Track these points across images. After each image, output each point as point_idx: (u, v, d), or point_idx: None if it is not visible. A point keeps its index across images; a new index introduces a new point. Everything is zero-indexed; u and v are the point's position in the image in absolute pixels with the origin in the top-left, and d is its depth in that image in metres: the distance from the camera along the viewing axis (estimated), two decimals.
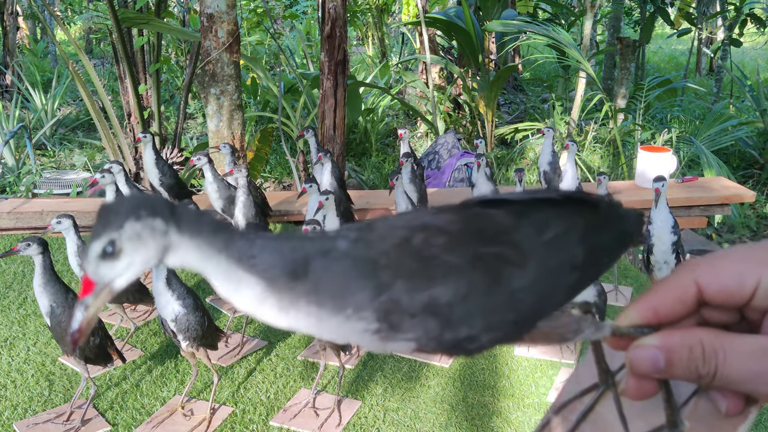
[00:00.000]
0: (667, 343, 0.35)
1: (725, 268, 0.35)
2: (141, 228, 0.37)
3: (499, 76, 5.83)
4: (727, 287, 0.35)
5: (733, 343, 0.34)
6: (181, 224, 0.37)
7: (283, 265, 0.37)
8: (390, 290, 0.37)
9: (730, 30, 7.56)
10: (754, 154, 6.12)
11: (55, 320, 1.72)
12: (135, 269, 0.38)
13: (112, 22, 3.95)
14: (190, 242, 0.37)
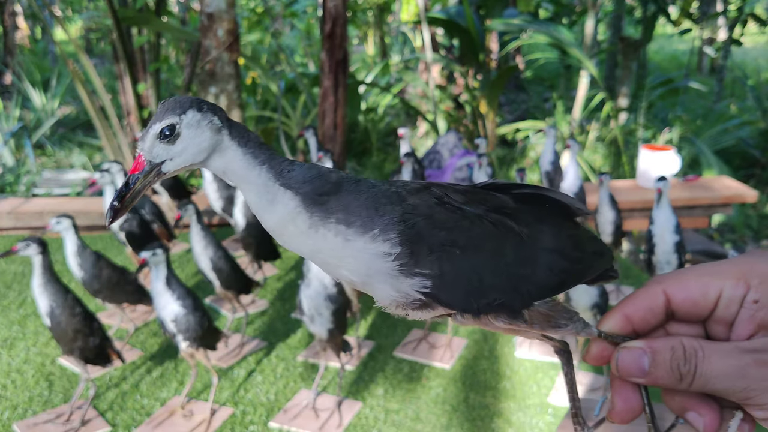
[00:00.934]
0: (652, 344, 0.37)
1: (691, 281, 0.37)
2: (201, 119, 0.39)
3: (500, 76, 5.82)
4: (693, 297, 0.37)
5: (711, 345, 0.36)
6: (232, 130, 0.40)
7: (319, 184, 0.39)
8: (414, 220, 0.38)
9: (732, 30, 7.54)
10: (756, 153, 6.10)
11: (54, 320, 1.71)
12: (186, 157, 0.39)
13: (112, 21, 3.94)
14: (238, 149, 0.39)
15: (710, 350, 0.36)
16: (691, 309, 0.37)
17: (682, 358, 0.36)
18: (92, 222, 3.21)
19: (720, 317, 0.37)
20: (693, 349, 0.36)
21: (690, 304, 0.37)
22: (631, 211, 3.28)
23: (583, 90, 5.75)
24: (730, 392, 0.35)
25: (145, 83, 4.31)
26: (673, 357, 0.37)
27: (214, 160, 0.40)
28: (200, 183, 4.83)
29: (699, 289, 0.37)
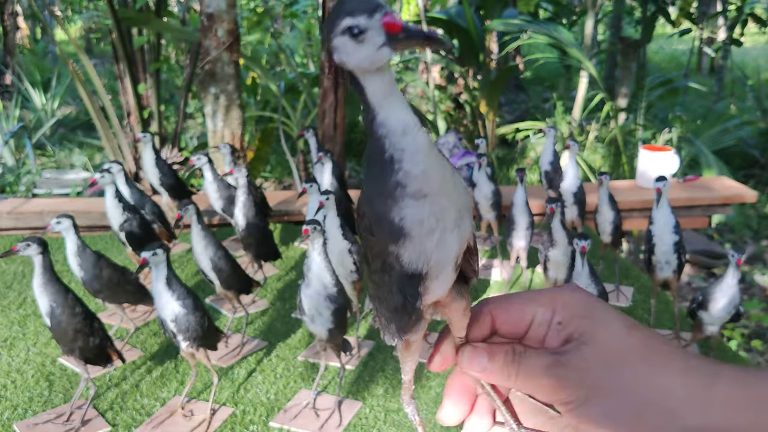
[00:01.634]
0: (491, 346, 0.46)
1: (513, 305, 0.46)
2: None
3: (500, 76, 5.82)
4: (512, 320, 0.46)
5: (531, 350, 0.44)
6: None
7: None
8: None
9: (731, 30, 7.55)
10: (756, 154, 6.11)
11: (54, 320, 1.71)
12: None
13: (112, 21, 3.94)
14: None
15: (530, 352, 0.44)
16: (510, 329, 0.46)
17: (511, 358, 0.44)
18: (93, 222, 3.21)
19: (533, 336, 0.45)
20: (519, 351, 0.44)
21: (509, 325, 0.46)
22: (631, 211, 3.29)
23: (583, 90, 5.76)
24: (540, 389, 0.43)
25: (146, 83, 4.31)
26: (505, 357, 0.44)
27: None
28: (201, 183, 4.83)
29: (517, 313, 0.45)
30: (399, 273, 0.41)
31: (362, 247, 0.45)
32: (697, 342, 2.06)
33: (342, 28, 0.37)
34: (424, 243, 0.40)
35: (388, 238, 0.40)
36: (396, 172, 0.38)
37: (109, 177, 2.25)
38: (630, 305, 2.50)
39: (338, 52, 0.38)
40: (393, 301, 0.43)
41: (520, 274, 2.69)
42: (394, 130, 0.38)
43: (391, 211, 0.39)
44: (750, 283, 4.36)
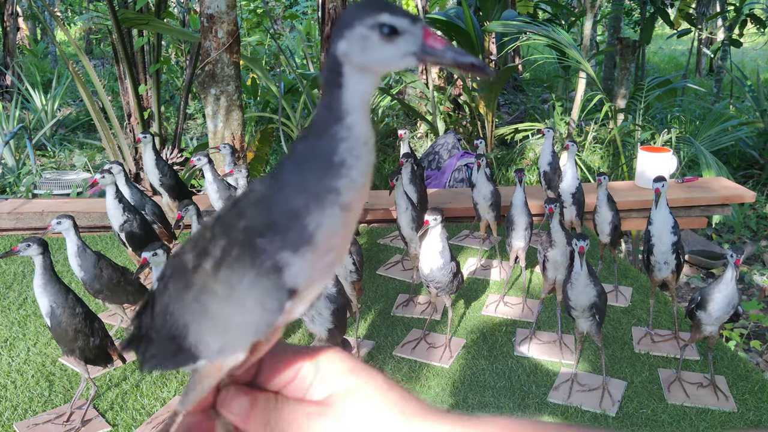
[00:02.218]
0: (253, 391, 0.44)
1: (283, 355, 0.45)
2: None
3: (499, 77, 5.83)
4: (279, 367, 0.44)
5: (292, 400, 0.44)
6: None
7: None
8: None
9: (730, 30, 7.56)
10: (754, 154, 6.12)
11: (55, 321, 1.72)
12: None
13: (112, 22, 3.95)
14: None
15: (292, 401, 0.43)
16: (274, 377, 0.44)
17: (273, 404, 0.43)
18: (93, 222, 3.22)
19: (295, 389, 0.44)
20: (281, 401, 0.43)
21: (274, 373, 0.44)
22: (629, 211, 3.30)
23: (582, 91, 5.76)
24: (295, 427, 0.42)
25: (146, 84, 4.32)
26: (267, 403, 0.43)
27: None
28: (201, 183, 4.84)
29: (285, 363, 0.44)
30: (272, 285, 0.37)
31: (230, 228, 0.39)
32: (696, 342, 2.07)
33: (374, 21, 0.35)
34: (320, 259, 0.38)
35: (286, 243, 0.37)
36: (340, 177, 0.36)
37: (109, 177, 2.26)
38: (629, 305, 2.51)
39: (349, 42, 0.36)
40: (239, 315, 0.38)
41: (518, 274, 2.70)
42: (358, 137, 0.36)
43: (311, 214, 0.37)
44: (749, 283, 4.37)
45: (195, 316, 0.40)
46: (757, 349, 3.49)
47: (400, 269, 2.80)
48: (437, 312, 2.43)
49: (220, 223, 0.40)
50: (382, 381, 0.43)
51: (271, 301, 0.37)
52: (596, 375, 2.06)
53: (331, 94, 0.37)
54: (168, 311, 0.42)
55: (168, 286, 0.42)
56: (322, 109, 0.37)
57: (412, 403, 0.43)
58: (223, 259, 0.38)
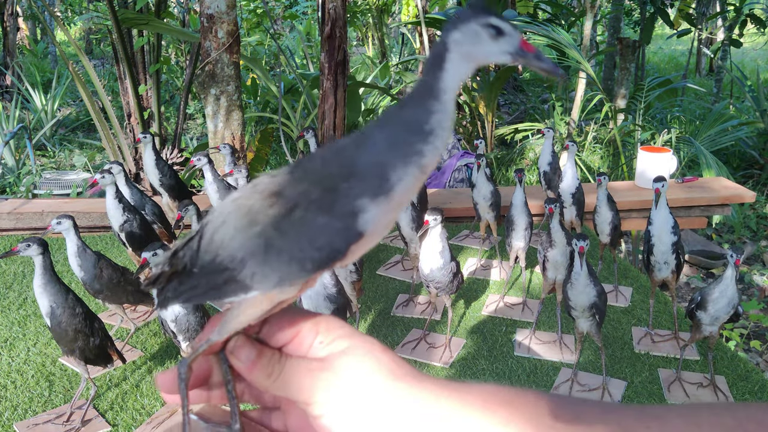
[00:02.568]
0: (260, 344, 0.49)
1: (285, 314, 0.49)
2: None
3: (499, 77, 5.84)
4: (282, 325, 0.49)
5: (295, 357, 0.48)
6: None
7: None
8: None
9: (730, 30, 7.56)
10: (754, 154, 6.12)
11: (55, 321, 1.72)
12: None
13: (112, 22, 3.95)
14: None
15: (295, 357, 0.48)
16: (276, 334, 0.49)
17: (278, 358, 0.48)
18: (93, 222, 3.22)
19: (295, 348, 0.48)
20: (285, 356, 0.48)
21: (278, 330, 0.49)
22: (629, 211, 3.30)
23: (581, 91, 5.77)
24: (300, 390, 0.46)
25: (146, 84, 4.32)
26: (272, 356, 0.48)
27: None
28: (201, 184, 4.84)
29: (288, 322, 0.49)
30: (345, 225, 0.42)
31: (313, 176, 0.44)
32: (696, 342, 2.07)
33: (487, 21, 0.43)
34: (390, 212, 0.43)
35: (366, 189, 0.42)
36: (427, 143, 0.42)
37: (109, 177, 2.26)
38: (628, 305, 2.51)
39: (463, 33, 0.43)
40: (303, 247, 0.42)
41: (519, 274, 2.70)
42: (447, 111, 0.43)
43: (396, 169, 0.42)
44: (748, 283, 4.37)
45: (257, 251, 0.44)
46: (757, 349, 3.49)
47: (400, 269, 2.80)
48: (437, 312, 2.43)
49: (298, 170, 0.45)
50: (376, 345, 0.47)
51: (340, 240, 0.42)
52: (596, 375, 2.06)
53: (432, 74, 0.43)
54: (222, 246, 0.46)
55: (224, 225, 0.46)
56: (420, 85, 0.43)
57: (403, 367, 0.46)
58: (302, 199, 0.43)
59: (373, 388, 0.44)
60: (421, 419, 0.43)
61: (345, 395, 0.44)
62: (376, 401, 0.44)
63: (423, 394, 0.44)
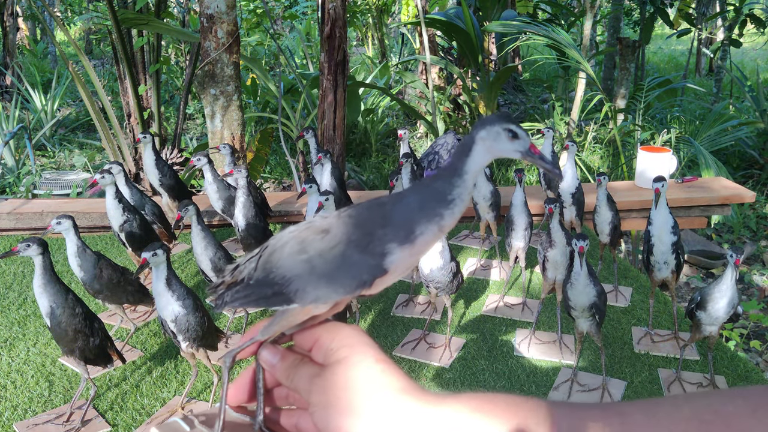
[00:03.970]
0: (286, 351, 0.57)
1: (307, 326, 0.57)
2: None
3: (498, 77, 5.84)
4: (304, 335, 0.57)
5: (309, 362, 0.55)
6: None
7: None
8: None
9: (730, 30, 7.56)
10: (754, 154, 6.12)
11: (54, 321, 1.72)
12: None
13: (112, 22, 3.95)
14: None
15: (307, 363, 0.55)
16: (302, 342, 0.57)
17: (295, 364, 0.55)
18: (93, 222, 3.22)
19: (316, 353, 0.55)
20: (303, 361, 0.55)
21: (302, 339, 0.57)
22: (629, 211, 3.30)
23: (581, 91, 5.77)
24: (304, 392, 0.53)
25: (146, 84, 4.32)
26: (292, 361, 0.56)
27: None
28: (201, 184, 4.84)
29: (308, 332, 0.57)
30: (375, 262, 0.53)
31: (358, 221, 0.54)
32: (696, 342, 2.07)
33: (506, 127, 0.55)
34: (410, 258, 0.53)
35: (395, 237, 0.52)
36: (448, 209, 0.53)
37: (109, 177, 2.26)
38: (628, 305, 2.51)
39: (487, 132, 0.55)
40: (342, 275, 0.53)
41: (518, 274, 2.70)
42: (468, 188, 0.54)
43: (420, 225, 0.53)
44: (748, 283, 4.37)
45: (303, 273, 0.55)
46: (757, 349, 3.49)
47: None
48: (437, 312, 2.43)
49: (345, 214, 0.56)
50: (369, 357, 0.51)
51: (369, 274, 0.53)
52: (596, 375, 2.06)
53: (459, 158, 0.55)
54: (276, 266, 0.57)
55: (280, 249, 0.58)
56: (450, 165, 0.55)
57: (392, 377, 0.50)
58: (345, 237, 0.54)
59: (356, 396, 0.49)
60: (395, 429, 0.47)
61: (332, 401, 0.50)
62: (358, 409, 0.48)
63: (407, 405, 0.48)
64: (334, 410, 0.49)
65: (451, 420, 0.46)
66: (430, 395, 0.48)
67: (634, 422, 0.43)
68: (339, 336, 0.54)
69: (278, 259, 0.57)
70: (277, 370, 0.56)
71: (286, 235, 0.58)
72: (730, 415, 0.41)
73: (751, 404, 0.41)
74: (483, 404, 0.47)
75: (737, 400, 0.41)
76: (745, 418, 0.40)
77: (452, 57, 7.35)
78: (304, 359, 0.55)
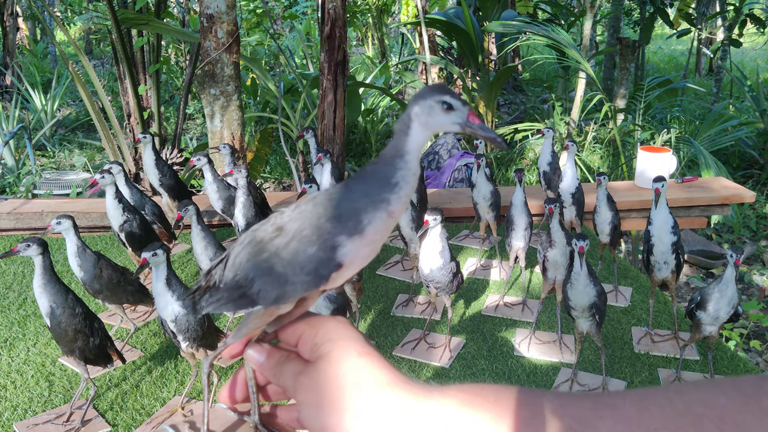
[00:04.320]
0: (272, 349, 0.57)
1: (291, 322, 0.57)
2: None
3: (498, 77, 5.84)
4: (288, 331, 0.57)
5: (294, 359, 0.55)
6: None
7: None
8: None
9: (730, 30, 7.56)
10: (754, 154, 6.12)
11: (54, 321, 1.72)
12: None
13: (112, 22, 3.95)
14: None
15: (293, 360, 0.54)
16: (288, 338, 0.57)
17: (281, 361, 0.55)
18: (93, 222, 3.22)
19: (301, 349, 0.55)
20: (289, 358, 0.55)
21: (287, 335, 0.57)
22: (629, 211, 3.30)
23: (581, 91, 5.77)
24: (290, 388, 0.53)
25: (146, 84, 4.32)
26: (278, 359, 0.55)
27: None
28: (201, 184, 4.84)
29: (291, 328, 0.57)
30: (327, 256, 0.52)
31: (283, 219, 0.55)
32: (696, 342, 2.07)
33: (440, 99, 0.52)
34: (364, 247, 0.52)
35: (344, 228, 0.51)
36: (392, 193, 0.52)
37: (109, 177, 2.26)
38: (628, 305, 2.51)
39: (424, 109, 0.53)
40: (295, 273, 0.53)
41: (518, 274, 2.70)
42: (411, 169, 0.53)
43: (367, 213, 0.51)
44: (748, 283, 4.37)
45: (262, 273, 0.55)
46: (757, 349, 3.49)
47: (400, 269, 2.80)
48: (437, 312, 2.43)
49: (298, 209, 0.55)
50: (351, 351, 0.51)
51: (323, 268, 0.52)
52: (596, 375, 2.06)
53: (399, 138, 0.53)
54: (239, 267, 0.57)
55: (243, 250, 0.57)
56: (391, 146, 0.53)
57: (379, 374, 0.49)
58: (297, 234, 0.53)
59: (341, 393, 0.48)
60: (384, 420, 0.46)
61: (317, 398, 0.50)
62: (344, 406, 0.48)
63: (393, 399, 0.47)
64: (319, 408, 0.49)
65: (438, 414, 0.45)
66: (417, 387, 0.47)
67: (626, 416, 0.42)
68: (322, 330, 0.53)
69: (241, 261, 0.57)
70: (264, 368, 0.56)
71: (249, 234, 0.58)
72: (722, 407, 0.40)
73: (743, 396, 0.41)
74: (471, 397, 0.46)
75: (730, 392, 0.41)
76: (739, 409, 0.40)
77: (452, 57, 7.35)
78: (290, 356, 0.55)
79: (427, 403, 0.46)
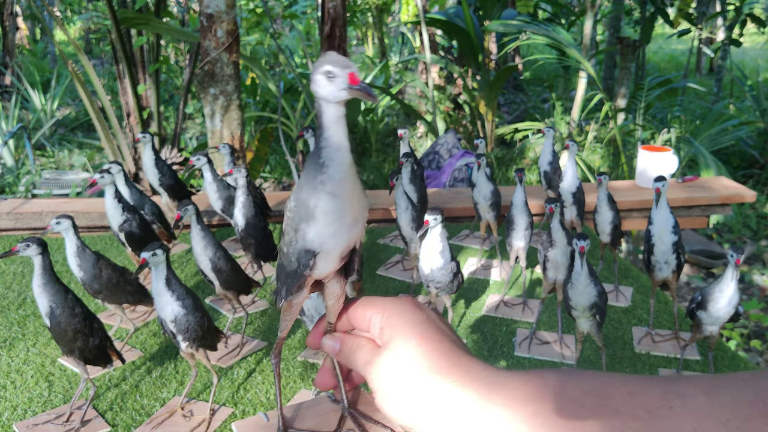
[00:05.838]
0: (344, 336, 0.60)
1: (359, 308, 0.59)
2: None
3: (499, 76, 5.83)
4: (358, 318, 0.59)
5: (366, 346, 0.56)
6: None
7: None
8: None
9: (730, 30, 7.56)
10: (754, 154, 6.12)
11: (54, 321, 1.71)
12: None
13: (111, 22, 3.94)
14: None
15: (364, 348, 0.56)
16: (358, 325, 0.59)
17: (353, 350, 0.57)
18: (92, 222, 3.21)
19: (372, 334, 0.57)
20: (360, 345, 0.57)
21: (356, 322, 0.59)
22: (630, 211, 3.29)
23: (582, 90, 5.76)
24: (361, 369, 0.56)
25: (145, 84, 4.32)
26: (350, 348, 0.57)
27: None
28: (200, 183, 4.83)
29: (360, 315, 0.58)
30: (301, 246, 0.56)
31: (284, 223, 0.59)
32: (696, 342, 2.07)
33: (322, 70, 0.53)
34: (324, 229, 0.55)
35: (302, 218, 0.56)
36: (323, 173, 0.54)
37: (108, 177, 2.25)
38: (629, 305, 2.50)
39: (315, 84, 0.55)
40: (290, 267, 0.58)
41: (519, 274, 2.69)
42: (332, 145, 0.55)
43: (311, 198, 0.55)
44: (749, 283, 4.37)
45: (279, 273, 0.62)
46: (758, 348, 3.49)
47: (400, 269, 2.80)
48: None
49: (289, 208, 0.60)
50: (411, 340, 0.52)
51: (303, 258, 0.57)
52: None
53: (318, 119, 0.56)
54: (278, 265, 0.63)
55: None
56: (316, 130, 0.56)
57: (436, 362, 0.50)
58: (282, 232, 0.60)
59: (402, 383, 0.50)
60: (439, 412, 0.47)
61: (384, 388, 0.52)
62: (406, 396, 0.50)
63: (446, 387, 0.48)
64: (385, 398, 0.51)
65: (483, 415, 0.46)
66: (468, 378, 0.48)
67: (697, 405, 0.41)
68: (385, 314, 0.55)
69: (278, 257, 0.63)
70: (340, 357, 0.59)
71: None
72: None
73: None
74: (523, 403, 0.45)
75: None
76: None
77: (452, 56, 7.34)
78: (361, 342, 0.57)
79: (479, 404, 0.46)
